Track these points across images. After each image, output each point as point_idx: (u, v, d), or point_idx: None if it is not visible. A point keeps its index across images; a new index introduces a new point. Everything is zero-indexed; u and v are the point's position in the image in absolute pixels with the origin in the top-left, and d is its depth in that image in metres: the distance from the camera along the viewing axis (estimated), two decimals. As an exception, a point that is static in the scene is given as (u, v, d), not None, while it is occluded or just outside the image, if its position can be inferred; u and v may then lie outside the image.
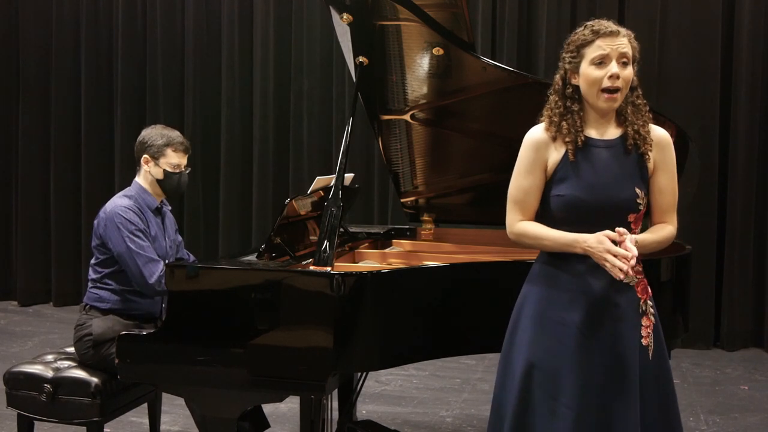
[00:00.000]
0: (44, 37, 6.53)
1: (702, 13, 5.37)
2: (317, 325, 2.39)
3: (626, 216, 2.12)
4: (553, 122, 2.17)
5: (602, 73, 2.09)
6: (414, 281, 2.61)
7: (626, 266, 1.99)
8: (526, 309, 2.22)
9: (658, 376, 2.18)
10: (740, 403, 4.33)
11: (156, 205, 3.10)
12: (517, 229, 2.21)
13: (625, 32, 2.15)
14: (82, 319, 3.00)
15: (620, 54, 2.10)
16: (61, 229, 6.51)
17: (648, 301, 2.20)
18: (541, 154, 2.17)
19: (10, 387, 2.91)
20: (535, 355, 2.15)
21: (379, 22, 2.97)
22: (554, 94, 2.20)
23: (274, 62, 6.16)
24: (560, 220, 2.15)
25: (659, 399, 2.19)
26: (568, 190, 2.12)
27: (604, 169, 2.12)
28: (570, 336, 2.12)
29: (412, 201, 3.62)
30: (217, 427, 2.55)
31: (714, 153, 5.36)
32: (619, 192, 2.11)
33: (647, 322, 2.17)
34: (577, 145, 2.13)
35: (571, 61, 2.15)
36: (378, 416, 3.97)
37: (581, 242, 2.07)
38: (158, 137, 3.09)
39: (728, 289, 5.42)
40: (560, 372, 2.11)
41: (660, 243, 2.19)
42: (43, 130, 6.57)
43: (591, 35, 2.12)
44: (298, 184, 6.03)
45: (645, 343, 2.16)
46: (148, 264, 2.90)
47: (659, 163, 2.17)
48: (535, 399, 2.14)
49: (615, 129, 2.17)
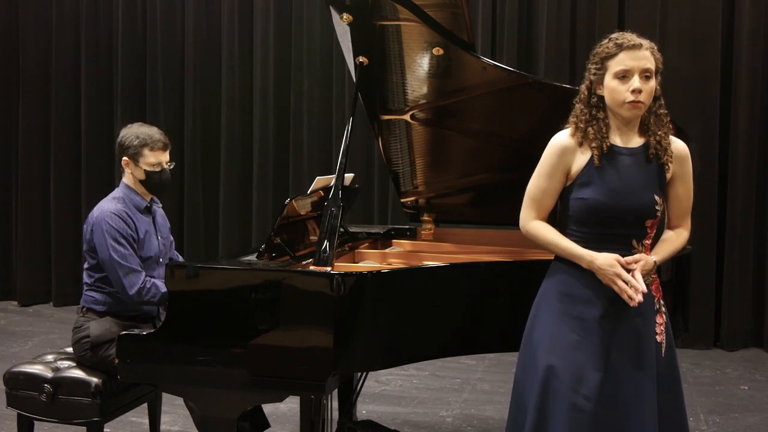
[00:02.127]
0: (44, 37, 6.53)
1: (702, 13, 5.37)
2: (317, 325, 2.39)
3: (644, 221, 2.20)
4: (579, 128, 2.24)
5: (625, 87, 2.15)
6: (414, 281, 2.61)
7: (639, 297, 2.10)
8: (545, 305, 2.27)
9: (669, 373, 2.25)
10: (740, 403, 4.33)
11: (145, 204, 3.08)
12: (531, 227, 2.29)
13: (649, 45, 2.19)
14: (80, 321, 3.00)
15: (643, 69, 2.15)
16: (61, 229, 6.50)
17: (661, 299, 2.29)
18: (565, 160, 2.24)
19: (10, 387, 2.91)
20: (556, 350, 2.19)
21: (379, 22, 2.96)
22: (580, 103, 2.27)
23: (274, 62, 6.16)
24: (579, 221, 2.22)
25: (672, 395, 2.24)
26: (592, 194, 2.18)
27: (627, 176, 2.19)
28: (591, 331, 2.17)
29: (412, 201, 3.62)
30: (217, 427, 2.55)
31: (714, 153, 5.36)
32: (640, 198, 2.18)
33: (661, 319, 2.26)
34: (603, 151, 2.19)
35: (596, 73, 2.22)
36: (378, 416, 3.97)
37: (589, 261, 2.16)
38: (134, 138, 3.03)
39: (728, 289, 5.42)
40: (582, 366, 2.15)
41: (677, 251, 2.32)
42: (43, 130, 6.57)
43: (615, 48, 2.18)
44: (298, 184, 6.03)
45: (659, 339, 2.24)
46: (129, 275, 2.89)
47: (678, 174, 2.26)
48: (557, 392, 2.17)
49: (638, 138, 2.25)
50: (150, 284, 2.92)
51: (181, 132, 6.33)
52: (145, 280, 2.92)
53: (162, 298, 2.92)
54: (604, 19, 5.40)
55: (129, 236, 2.94)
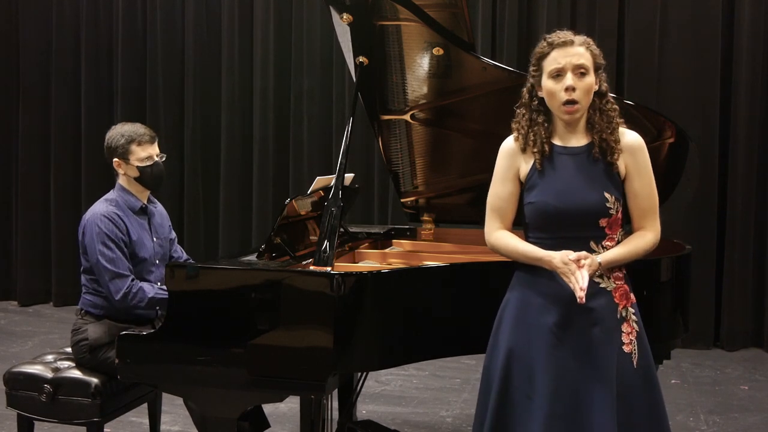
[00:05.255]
0: (44, 37, 6.53)
1: (702, 13, 5.36)
2: (317, 325, 2.39)
3: (597, 221, 2.14)
4: (520, 134, 2.22)
5: (559, 85, 2.11)
6: (414, 281, 2.61)
7: (580, 294, 2.02)
8: (506, 314, 2.25)
9: (644, 384, 2.18)
10: (740, 403, 4.33)
11: (139, 205, 3.04)
12: (493, 239, 2.26)
13: (582, 40, 2.15)
14: (78, 323, 2.99)
15: (575, 66, 2.11)
16: (61, 229, 6.49)
17: (629, 307, 2.20)
18: (513, 163, 2.23)
19: (10, 387, 2.91)
20: (512, 357, 2.18)
21: (379, 22, 2.97)
22: (521, 107, 2.25)
23: (274, 62, 6.16)
24: (537, 227, 2.19)
25: (647, 408, 2.18)
26: (538, 197, 2.16)
27: (571, 176, 2.15)
28: (543, 338, 2.14)
29: (412, 201, 3.62)
30: (217, 427, 2.54)
31: (714, 153, 5.36)
32: (587, 197, 2.13)
33: (628, 328, 2.18)
34: (544, 155, 2.17)
35: (534, 75, 2.19)
36: (378, 416, 3.97)
37: (547, 260, 2.12)
38: (119, 137, 3.01)
39: (728, 289, 5.42)
40: (534, 373, 2.14)
41: (634, 254, 2.17)
42: (43, 130, 6.56)
43: (547, 47, 2.16)
44: (298, 184, 6.03)
45: (627, 350, 2.17)
46: (114, 279, 2.85)
47: (631, 168, 2.18)
48: (513, 399, 2.17)
49: (583, 137, 2.19)
50: (137, 288, 2.86)
51: (181, 132, 6.33)
52: (132, 284, 2.86)
53: (149, 303, 2.87)
54: (604, 19, 5.41)
55: (119, 239, 2.90)
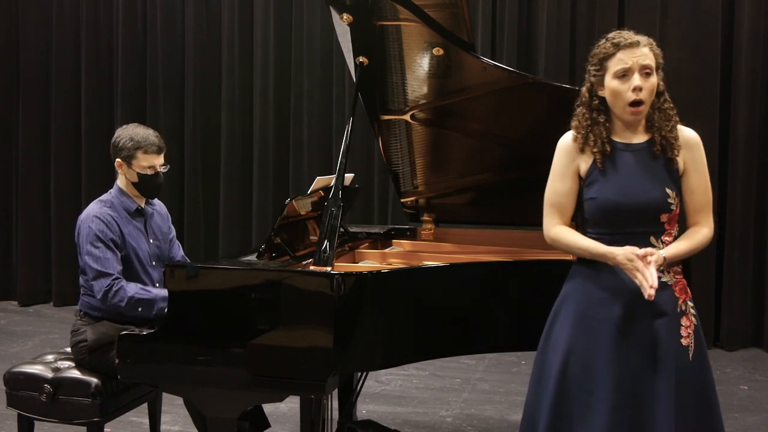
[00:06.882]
0: (44, 37, 6.52)
1: (702, 13, 5.37)
2: (317, 325, 2.39)
3: (659, 216, 2.17)
4: (579, 134, 2.23)
5: (626, 86, 2.14)
6: (414, 281, 2.61)
7: (650, 291, 2.03)
8: (565, 308, 2.26)
9: (699, 377, 2.20)
10: (740, 403, 4.33)
11: (135, 207, 3.02)
12: (553, 233, 2.27)
13: (647, 41, 2.18)
14: (77, 324, 2.99)
15: (642, 66, 2.14)
16: (61, 229, 6.48)
17: (688, 301, 2.23)
18: (572, 159, 2.24)
19: (10, 387, 2.91)
20: (572, 351, 2.19)
21: (379, 22, 2.96)
22: (581, 106, 2.26)
23: (274, 63, 6.16)
24: (596, 223, 2.21)
25: (701, 400, 2.20)
26: (600, 193, 2.18)
27: (634, 172, 2.18)
28: (607, 332, 2.16)
29: (412, 201, 3.62)
30: (217, 427, 2.54)
31: (714, 153, 5.35)
32: (649, 192, 2.16)
33: (687, 322, 2.21)
34: (605, 153, 2.19)
35: (595, 74, 2.21)
36: (378, 416, 3.97)
37: (611, 256, 2.13)
38: (128, 140, 2.95)
39: (728, 289, 5.42)
40: (596, 367, 2.15)
41: (694, 249, 2.23)
42: (43, 130, 6.56)
43: (612, 48, 2.17)
44: (298, 184, 6.03)
45: (685, 343, 2.19)
46: (97, 278, 2.84)
47: (689, 163, 2.23)
48: (572, 395, 2.18)
49: (643, 134, 2.23)
50: (118, 287, 2.83)
51: (181, 132, 6.33)
52: (113, 282, 2.83)
53: (129, 302, 2.82)
54: (604, 19, 5.40)
55: (108, 239, 2.88)
